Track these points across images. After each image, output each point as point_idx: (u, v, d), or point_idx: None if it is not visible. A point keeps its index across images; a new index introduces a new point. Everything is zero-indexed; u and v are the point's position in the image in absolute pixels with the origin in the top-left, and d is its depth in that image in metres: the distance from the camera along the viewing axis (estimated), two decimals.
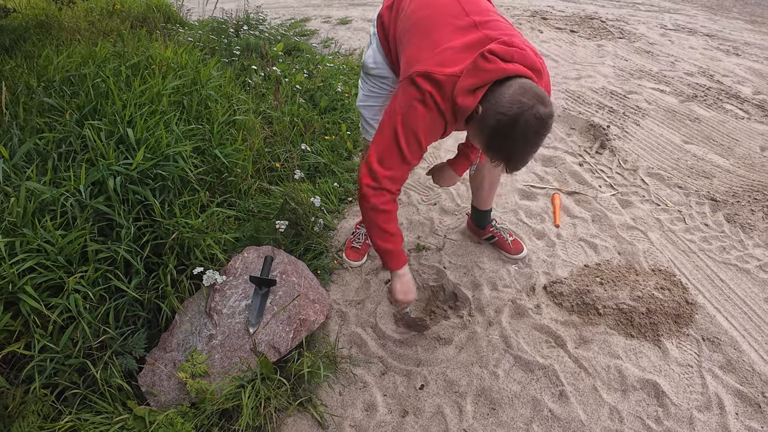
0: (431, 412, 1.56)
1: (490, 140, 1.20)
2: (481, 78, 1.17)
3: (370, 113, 1.71)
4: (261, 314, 1.68)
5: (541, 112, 1.12)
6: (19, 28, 3.50)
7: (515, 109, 1.12)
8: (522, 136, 1.14)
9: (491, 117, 1.16)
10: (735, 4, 6.98)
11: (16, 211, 1.50)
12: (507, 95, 1.14)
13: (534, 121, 1.12)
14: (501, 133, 1.15)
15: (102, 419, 1.41)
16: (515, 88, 1.14)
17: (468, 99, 1.19)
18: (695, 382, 1.64)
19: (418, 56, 1.29)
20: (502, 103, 1.14)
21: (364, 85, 1.69)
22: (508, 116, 1.13)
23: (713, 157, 2.94)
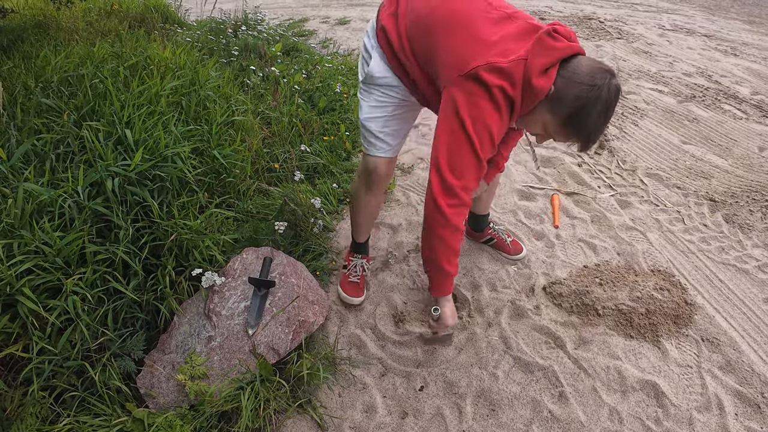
0: (431, 414, 1.56)
1: (571, 116, 1.17)
2: (552, 56, 1.15)
3: (378, 125, 1.56)
4: (260, 316, 1.68)
5: (614, 86, 1.14)
6: (17, 28, 3.49)
7: (598, 80, 1.12)
8: (604, 108, 1.14)
9: (572, 92, 1.14)
10: (733, 4, 7.00)
11: (14, 213, 1.49)
12: (584, 69, 1.14)
13: (615, 91, 1.14)
14: (585, 106, 1.14)
15: (101, 422, 1.40)
16: (589, 62, 1.15)
17: (542, 79, 1.16)
18: (695, 383, 1.64)
19: (468, 52, 1.20)
20: (581, 76, 1.13)
21: (369, 96, 1.54)
22: (595, 88, 1.12)
23: (712, 157, 2.94)
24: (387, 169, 1.66)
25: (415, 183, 2.71)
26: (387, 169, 1.66)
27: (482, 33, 1.22)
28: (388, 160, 1.64)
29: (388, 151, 1.62)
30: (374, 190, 1.73)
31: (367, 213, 1.84)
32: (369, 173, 1.67)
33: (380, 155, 1.62)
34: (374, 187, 1.71)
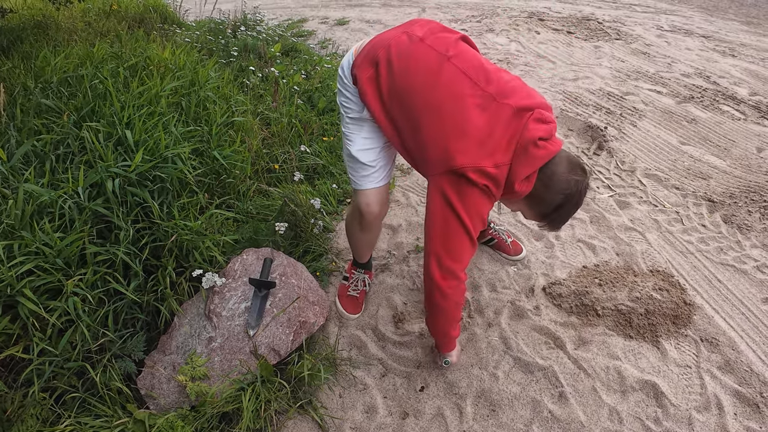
0: (431, 414, 1.57)
1: (550, 214, 1.31)
2: (535, 165, 1.23)
3: (370, 156, 1.52)
4: (261, 317, 1.68)
5: (588, 183, 1.29)
6: (16, 28, 3.49)
7: (571, 185, 1.25)
8: (576, 206, 1.29)
9: (549, 197, 1.27)
10: (731, 5, 7.02)
11: (14, 214, 1.49)
12: (561, 175, 1.25)
13: (585, 190, 1.29)
14: (562, 207, 1.28)
15: (102, 423, 1.40)
16: (565, 166, 1.25)
17: (524, 185, 1.25)
18: (694, 383, 1.64)
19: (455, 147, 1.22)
20: (559, 184, 1.25)
21: (361, 129, 1.50)
22: (569, 194, 1.26)
23: (710, 158, 2.95)
24: (380, 205, 1.59)
25: (414, 184, 2.72)
26: (379, 206, 1.59)
27: (469, 126, 1.21)
28: (379, 192, 1.57)
29: (381, 179, 1.56)
30: (368, 228, 1.66)
31: (365, 245, 1.81)
32: (361, 213, 1.60)
33: (371, 186, 1.55)
34: (368, 225, 1.65)
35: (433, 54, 1.32)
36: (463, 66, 1.29)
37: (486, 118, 1.22)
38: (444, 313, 1.43)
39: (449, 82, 1.27)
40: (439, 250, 1.32)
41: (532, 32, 5.35)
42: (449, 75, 1.28)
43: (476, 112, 1.22)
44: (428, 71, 1.30)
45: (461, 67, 1.29)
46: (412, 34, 1.37)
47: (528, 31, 5.39)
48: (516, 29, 5.45)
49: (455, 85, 1.26)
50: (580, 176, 1.26)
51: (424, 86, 1.28)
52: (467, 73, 1.28)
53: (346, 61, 1.48)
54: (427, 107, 1.27)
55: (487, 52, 4.73)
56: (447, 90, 1.26)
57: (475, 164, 1.20)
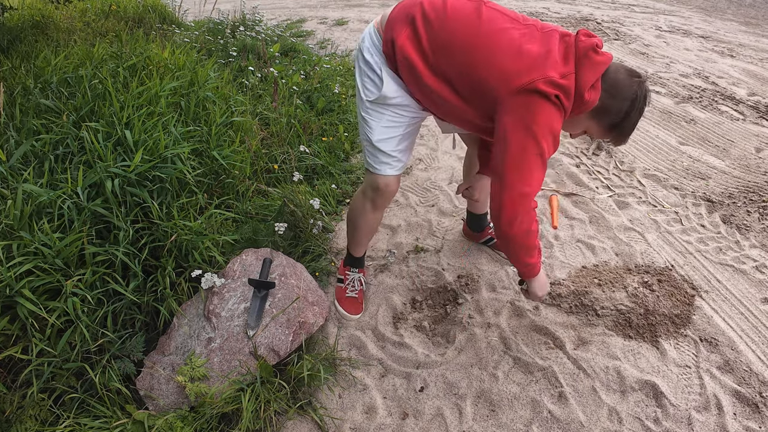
0: (431, 414, 1.56)
1: (616, 125, 1.32)
2: (598, 71, 1.26)
3: (392, 145, 1.52)
4: (260, 317, 1.68)
5: (647, 87, 1.30)
6: (15, 28, 3.48)
7: (637, 91, 1.27)
8: (641, 112, 1.31)
9: (616, 105, 1.28)
10: (729, 5, 7.04)
11: (13, 214, 1.49)
12: (624, 80, 1.27)
13: (648, 94, 1.30)
14: (628, 116, 1.29)
15: (101, 424, 1.40)
16: (623, 72, 1.29)
17: (592, 93, 1.27)
18: (693, 383, 1.64)
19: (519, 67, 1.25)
20: (624, 87, 1.27)
21: (381, 117, 1.49)
22: (634, 99, 1.27)
23: (709, 158, 2.96)
24: (397, 184, 1.64)
25: (413, 184, 2.72)
26: (397, 185, 1.64)
27: (524, 49, 1.26)
28: (397, 177, 1.62)
29: (402, 167, 1.60)
30: (381, 207, 1.70)
31: (369, 229, 1.81)
32: (379, 192, 1.62)
33: (393, 173, 1.58)
34: (382, 204, 1.69)
35: (467, 4, 1.37)
36: (500, 8, 1.37)
37: (537, 42, 1.28)
38: (515, 242, 1.43)
39: (491, 21, 1.32)
40: (510, 174, 1.32)
41: None
42: (489, 16, 1.33)
43: (525, 39, 1.28)
44: (468, 16, 1.34)
45: (499, 9, 1.37)
46: None
47: None
48: None
49: (498, 23, 1.32)
50: (639, 78, 1.28)
51: (468, 29, 1.32)
52: (505, 13, 1.36)
53: (368, 33, 1.47)
54: (477, 46, 1.30)
55: None
56: (491, 27, 1.31)
57: (543, 75, 1.23)
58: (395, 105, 1.47)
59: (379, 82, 1.44)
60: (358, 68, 1.50)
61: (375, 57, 1.44)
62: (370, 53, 1.45)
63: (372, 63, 1.44)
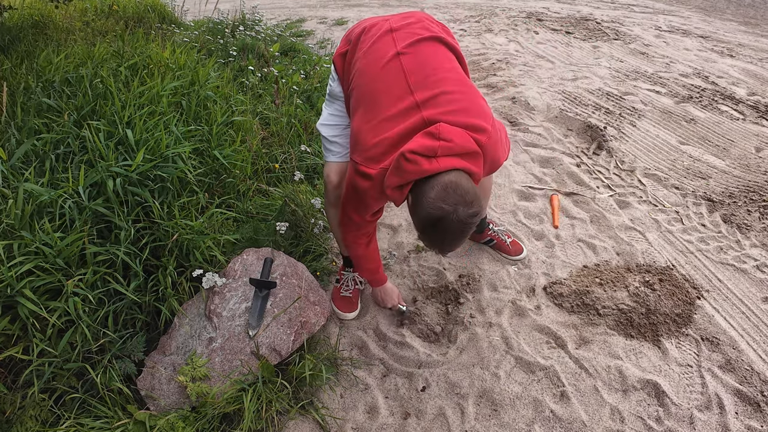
0: (433, 414, 1.56)
1: (419, 231, 1.25)
2: (404, 178, 1.20)
3: (332, 132, 1.63)
4: (261, 317, 1.67)
5: (461, 216, 1.14)
6: (14, 28, 3.47)
7: (437, 213, 1.15)
8: (444, 236, 1.19)
9: (417, 214, 1.21)
10: (729, 5, 7.05)
11: (14, 213, 1.49)
12: (430, 198, 1.16)
13: (454, 224, 1.16)
14: (426, 229, 1.21)
15: (102, 424, 1.40)
16: (437, 191, 1.16)
17: (396, 194, 1.24)
18: (695, 382, 1.64)
19: (360, 139, 1.32)
20: (424, 205, 1.17)
21: (330, 105, 1.65)
22: (431, 219, 1.17)
23: (709, 158, 2.96)
24: (338, 177, 1.63)
25: None
26: (338, 178, 1.63)
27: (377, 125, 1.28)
28: (339, 167, 1.63)
29: (344, 155, 1.62)
30: (331, 200, 1.69)
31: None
32: (324, 184, 1.69)
33: (333, 160, 1.64)
34: (330, 196, 1.68)
35: (391, 47, 1.38)
36: (409, 66, 1.33)
37: (398, 126, 1.26)
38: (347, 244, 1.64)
39: (385, 79, 1.34)
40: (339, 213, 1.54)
41: (530, 32, 5.35)
42: (391, 71, 1.34)
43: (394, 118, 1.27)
44: (378, 62, 1.37)
45: (406, 67, 1.33)
46: (390, 23, 1.46)
47: (527, 31, 5.40)
48: (515, 29, 5.45)
49: (388, 84, 1.33)
50: (450, 205, 1.14)
51: (367, 75, 1.38)
52: (408, 74, 1.32)
53: None
54: (363, 97, 1.37)
55: (486, 52, 4.73)
56: (379, 88, 1.34)
57: (361, 163, 1.29)
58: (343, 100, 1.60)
59: (334, 78, 1.61)
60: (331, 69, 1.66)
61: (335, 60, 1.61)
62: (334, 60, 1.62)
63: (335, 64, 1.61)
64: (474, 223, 1.18)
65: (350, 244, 1.62)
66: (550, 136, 3.18)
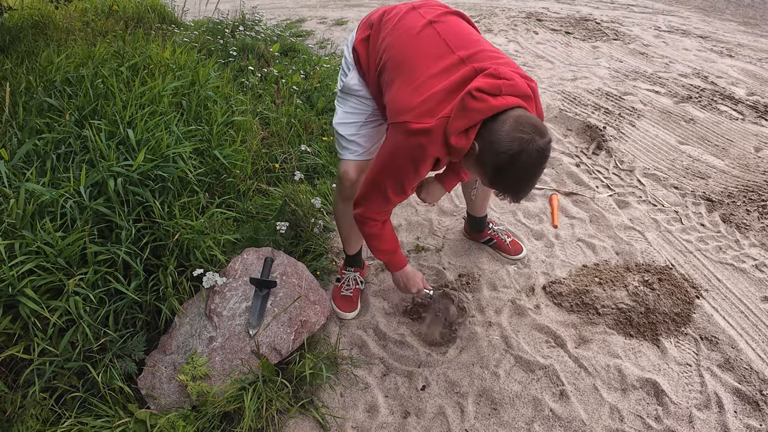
0: (433, 413, 1.57)
1: (493, 177, 1.20)
2: (471, 118, 1.16)
3: (350, 130, 1.59)
4: (261, 316, 1.68)
5: (541, 144, 1.11)
6: (14, 28, 3.48)
7: (515, 146, 1.11)
8: (525, 171, 1.15)
9: (491, 156, 1.16)
10: (728, 5, 7.06)
11: (16, 213, 1.49)
12: (504, 132, 1.12)
13: (535, 155, 1.12)
14: (503, 170, 1.16)
15: (103, 423, 1.40)
16: (510, 124, 1.13)
17: (461, 140, 1.19)
18: (694, 381, 1.65)
19: (404, 102, 1.26)
20: (500, 141, 1.13)
21: (345, 103, 1.61)
22: (509, 154, 1.12)
23: (708, 157, 2.96)
24: (357, 173, 1.62)
25: None
26: (357, 174, 1.62)
27: (423, 83, 1.25)
28: (358, 164, 1.62)
29: (361, 153, 1.61)
30: (346, 196, 1.68)
31: (348, 224, 1.79)
32: (340, 178, 1.66)
33: (351, 158, 1.62)
34: (345, 194, 1.67)
35: (420, 18, 1.39)
36: (444, 31, 1.34)
37: (442, 79, 1.24)
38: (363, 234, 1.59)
39: (422, 44, 1.33)
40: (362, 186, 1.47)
41: (530, 32, 5.36)
42: (426, 36, 1.34)
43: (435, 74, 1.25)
44: (410, 31, 1.37)
45: (441, 31, 1.34)
46: (411, 3, 1.48)
47: (526, 31, 5.41)
48: (514, 29, 5.46)
49: (426, 48, 1.31)
50: (527, 134, 1.11)
51: (400, 46, 1.36)
52: (445, 37, 1.32)
53: (352, 34, 1.62)
54: (400, 65, 1.33)
55: None
56: (416, 52, 1.32)
57: (414, 119, 1.22)
58: (358, 96, 1.58)
59: (348, 70, 1.59)
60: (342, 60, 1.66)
61: (349, 55, 1.59)
62: (348, 49, 1.61)
63: (347, 56, 1.60)
64: (549, 154, 1.16)
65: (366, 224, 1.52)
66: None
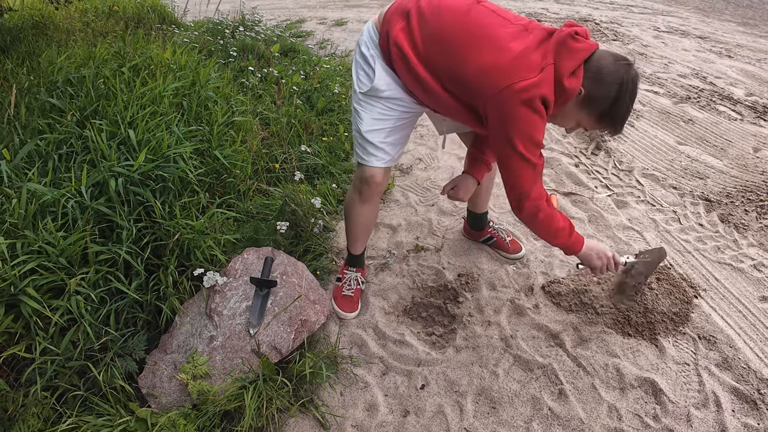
0: (432, 412, 1.58)
1: (605, 113, 1.30)
2: (578, 58, 1.25)
3: (380, 136, 1.55)
4: (262, 315, 1.69)
5: (636, 71, 1.27)
6: (14, 28, 3.48)
7: (623, 74, 1.24)
8: (631, 97, 1.27)
9: (602, 91, 1.26)
10: (727, 6, 7.07)
11: (18, 213, 1.50)
12: (608, 65, 1.25)
13: (636, 79, 1.27)
14: (616, 102, 1.26)
15: (104, 421, 1.41)
16: (608, 57, 1.26)
17: (572, 81, 1.26)
18: (692, 380, 1.66)
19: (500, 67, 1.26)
20: (609, 73, 1.24)
21: (372, 108, 1.53)
22: (619, 83, 1.24)
23: (707, 158, 2.97)
24: (384, 178, 1.64)
25: (413, 183, 2.73)
26: (383, 178, 1.64)
27: (509, 47, 1.28)
28: (386, 169, 1.63)
29: (389, 161, 1.61)
30: (369, 199, 1.70)
31: (362, 224, 1.80)
32: (366, 182, 1.64)
33: (380, 165, 1.60)
34: (369, 196, 1.69)
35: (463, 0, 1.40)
36: (494, 7, 1.39)
37: (520, 40, 1.28)
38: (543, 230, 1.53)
39: (479, 18, 1.34)
40: (504, 179, 1.44)
41: None
42: (478, 13, 1.36)
43: (509, 37, 1.29)
44: (457, 11, 1.36)
45: (491, 8, 1.38)
46: None
47: None
48: None
49: (485, 20, 1.34)
50: (626, 63, 1.25)
51: (455, 25, 1.34)
52: (497, 12, 1.37)
53: (367, 28, 1.53)
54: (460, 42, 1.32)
55: None
56: (477, 24, 1.33)
57: (521, 77, 1.24)
58: (386, 98, 1.51)
59: (372, 74, 1.48)
60: (355, 62, 1.56)
61: (371, 50, 1.49)
62: (366, 47, 1.50)
63: (367, 56, 1.49)
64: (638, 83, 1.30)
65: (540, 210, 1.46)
66: (549, 136, 3.19)
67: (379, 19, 1.50)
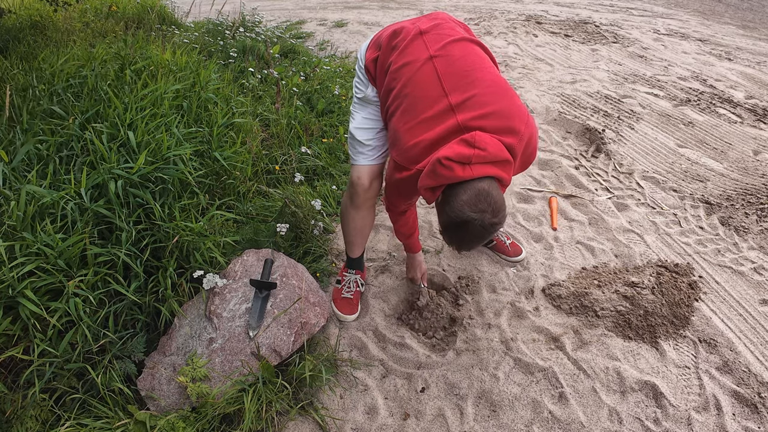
0: (432, 415, 1.57)
1: (443, 229, 1.33)
2: (437, 181, 1.25)
3: (367, 135, 1.65)
4: (261, 318, 1.68)
5: (485, 223, 1.21)
6: (13, 29, 3.48)
7: (464, 217, 1.21)
8: (466, 236, 1.27)
9: (445, 213, 1.27)
10: (727, 9, 7.08)
11: (17, 215, 1.49)
12: (460, 202, 1.22)
13: (478, 229, 1.23)
14: (450, 229, 1.28)
15: (102, 424, 1.40)
16: (468, 197, 1.21)
17: (428, 194, 1.30)
18: (693, 384, 1.65)
19: (398, 139, 1.38)
20: (453, 207, 1.23)
21: (363, 109, 1.67)
22: (456, 222, 1.24)
23: (707, 160, 2.97)
24: (371, 182, 1.66)
25: None
26: (371, 182, 1.66)
27: (414, 127, 1.34)
28: (371, 169, 1.66)
29: (375, 157, 1.65)
30: (357, 203, 1.71)
31: (355, 229, 1.81)
32: (353, 185, 1.68)
33: (364, 163, 1.65)
34: (357, 199, 1.70)
35: (423, 51, 1.41)
36: (443, 69, 1.36)
37: (434, 129, 1.30)
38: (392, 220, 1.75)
39: (421, 82, 1.37)
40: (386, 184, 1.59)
41: (529, 35, 5.37)
42: (423, 76, 1.37)
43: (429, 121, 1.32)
44: (412, 65, 1.40)
45: (440, 70, 1.36)
46: (418, 26, 1.49)
47: (526, 34, 5.42)
48: (514, 32, 5.47)
49: (425, 87, 1.36)
50: (478, 212, 1.20)
51: (406, 79, 1.40)
52: (442, 77, 1.35)
53: (366, 43, 1.67)
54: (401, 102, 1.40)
55: None
56: (417, 88, 1.37)
57: (402, 162, 1.37)
58: (378, 105, 1.64)
59: (365, 87, 1.64)
60: (356, 69, 1.70)
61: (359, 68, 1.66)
62: (360, 64, 1.66)
63: (359, 72, 1.66)
64: (495, 231, 1.26)
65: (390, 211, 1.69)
66: (549, 138, 3.19)
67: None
